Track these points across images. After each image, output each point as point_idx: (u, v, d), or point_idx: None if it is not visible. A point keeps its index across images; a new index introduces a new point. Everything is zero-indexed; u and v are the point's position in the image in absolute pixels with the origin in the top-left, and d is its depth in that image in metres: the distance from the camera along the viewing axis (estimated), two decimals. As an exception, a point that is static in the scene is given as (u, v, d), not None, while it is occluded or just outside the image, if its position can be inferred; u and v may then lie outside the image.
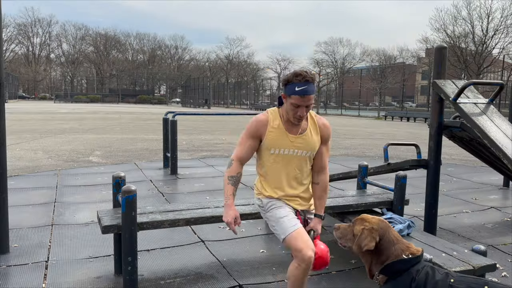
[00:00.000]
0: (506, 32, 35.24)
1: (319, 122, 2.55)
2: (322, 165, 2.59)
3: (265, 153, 2.50)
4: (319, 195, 2.59)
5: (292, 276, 2.37)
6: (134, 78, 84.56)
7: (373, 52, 60.88)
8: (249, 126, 2.48)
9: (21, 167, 8.03)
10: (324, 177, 2.60)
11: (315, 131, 2.53)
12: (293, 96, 2.31)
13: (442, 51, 4.11)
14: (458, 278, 1.71)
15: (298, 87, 2.29)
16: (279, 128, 2.45)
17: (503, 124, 3.73)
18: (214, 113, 8.77)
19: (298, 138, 2.46)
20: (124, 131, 16.62)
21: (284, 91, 2.38)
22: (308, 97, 2.31)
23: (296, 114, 2.36)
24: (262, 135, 2.46)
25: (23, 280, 3.19)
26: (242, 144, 2.49)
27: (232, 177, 2.45)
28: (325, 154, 2.59)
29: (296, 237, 2.35)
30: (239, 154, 2.49)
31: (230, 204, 2.41)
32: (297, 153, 2.48)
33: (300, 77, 2.29)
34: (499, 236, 4.56)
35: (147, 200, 5.67)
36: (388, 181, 7.06)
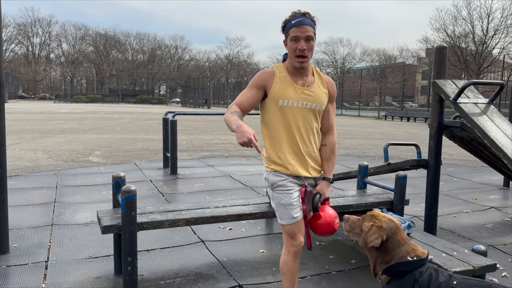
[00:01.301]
0: (506, 32, 35.26)
1: (325, 77, 2.52)
2: (330, 124, 2.52)
3: (272, 107, 2.38)
4: (327, 156, 2.51)
5: (284, 265, 2.42)
6: (134, 78, 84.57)
7: (373, 52, 60.93)
8: (255, 77, 2.41)
9: (21, 167, 8.03)
10: (332, 138, 2.53)
11: (322, 84, 2.48)
12: (291, 31, 2.30)
13: (442, 51, 4.10)
14: (461, 280, 1.71)
15: (294, 20, 2.29)
16: (286, 79, 2.39)
17: (503, 124, 3.73)
18: (214, 113, 8.75)
19: (306, 90, 2.40)
20: (124, 131, 16.62)
21: (284, 35, 2.37)
22: (305, 28, 2.27)
23: (297, 49, 2.30)
24: (268, 87, 2.37)
25: (23, 280, 3.19)
26: (244, 93, 2.38)
27: (235, 112, 2.26)
28: (331, 113, 2.54)
29: (295, 227, 2.38)
30: (240, 100, 2.36)
31: (242, 124, 2.09)
32: (306, 105, 2.38)
33: (294, 13, 2.33)
34: (499, 236, 4.56)
35: (147, 200, 5.67)
36: (388, 181, 7.07)
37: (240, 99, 2.37)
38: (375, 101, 59.01)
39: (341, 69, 61.64)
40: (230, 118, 2.22)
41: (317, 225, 2.40)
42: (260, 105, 2.50)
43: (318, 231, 2.41)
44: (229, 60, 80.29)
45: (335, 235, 4.42)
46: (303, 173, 2.42)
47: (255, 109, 2.66)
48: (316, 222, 2.40)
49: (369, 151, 11.99)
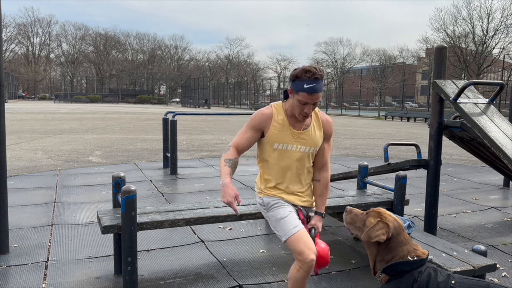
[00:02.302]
0: (506, 32, 35.27)
1: (322, 118, 2.53)
2: (324, 161, 2.56)
3: (267, 148, 2.46)
4: (320, 192, 2.56)
5: (293, 277, 2.35)
6: (134, 78, 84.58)
7: (373, 52, 61.03)
8: (253, 117, 2.43)
9: (21, 167, 8.03)
10: (326, 174, 2.57)
11: (318, 127, 2.50)
12: (301, 93, 2.26)
13: (442, 51, 4.10)
14: (459, 280, 1.71)
15: (307, 85, 2.23)
16: (283, 123, 2.41)
17: (503, 124, 3.73)
18: (214, 113, 8.76)
19: (302, 133, 2.43)
20: (124, 131, 16.62)
21: (291, 86, 2.33)
22: (317, 95, 2.26)
23: (303, 111, 2.32)
24: (265, 129, 2.42)
25: (23, 280, 3.19)
26: (242, 134, 2.44)
27: (229, 160, 2.35)
28: (327, 150, 2.56)
29: (297, 239, 2.32)
30: (238, 142, 2.42)
31: (228, 182, 2.24)
32: (300, 149, 2.44)
33: (310, 74, 2.23)
34: (499, 236, 4.56)
35: (147, 200, 5.67)
36: (388, 181, 7.07)
37: (238, 141, 2.43)
38: (375, 101, 59.03)
39: (341, 69, 61.65)
40: (222, 168, 2.32)
41: None
42: (257, 143, 2.55)
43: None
44: (229, 60, 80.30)
45: (335, 235, 4.42)
46: (295, 201, 2.53)
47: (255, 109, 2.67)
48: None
49: (369, 151, 11.99)
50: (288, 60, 77.72)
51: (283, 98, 2.49)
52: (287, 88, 2.41)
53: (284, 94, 2.45)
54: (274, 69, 73.90)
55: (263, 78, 74.33)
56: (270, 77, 71.95)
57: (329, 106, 57.61)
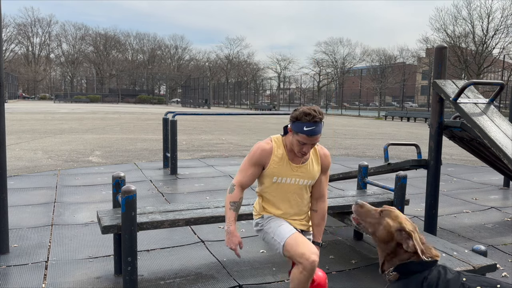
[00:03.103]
0: (506, 32, 35.26)
1: (321, 152, 2.60)
2: (321, 193, 2.63)
3: (267, 180, 2.54)
4: (317, 222, 2.63)
5: (296, 279, 2.37)
6: (134, 78, 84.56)
7: (373, 52, 60.91)
8: (253, 154, 2.50)
9: (21, 167, 8.03)
10: (323, 204, 2.64)
11: (316, 161, 2.57)
12: (301, 135, 2.34)
13: (442, 51, 4.10)
14: (470, 277, 1.71)
15: (307, 127, 2.31)
16: (283, 157, 2.49)
17: (503, 124, 3.73)
18: (214, 113, 8.76)
19: (300, 167, 2.51)
20: (124, 131, 16.62)
21: (291, 126, 2.40)
22: (315, 137, 2.34)
23: (302, 150, 2.39)
24: (266, 164, 2.50)
25: (23, 280, 3.19)
26: (245, 171, 2.52)
27: (234, 203, 2.48)
28: (324, 182, 2.63)
29: (295, 241, 2.37)
30: (241, 180, 2.52)
31: (233, 230, 2.43)
32: (298, 182, 2.52)
33: (309, 117, 2.31)
34: (499, 236, 4.56)
35: (147, 200, 5.67)
36: (388, 181, 7.07)
37: (241, 179, 2.52)
38: (375, 101, 59.03)
39: (341, 69, 61.61)
40: (227, 212, 2.48)
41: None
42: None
43: None
44: (229, 60, 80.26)
45: (335, 235, 4.42)
46: (294, 226, 2.60)
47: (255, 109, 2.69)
48: (311, 286, 2.47)
49: (369, 151, 11.99)
50: (288, 60, 77.75)
51: (283, 133, 2.56)
52: (287, 126, 2.47)
53: (284, 130, 2.52)
54: (274, 69, 73.78)
55: (263, 78, 74.33)
56: (270, 77, 71.91)
57: (329, 106, 57.63)
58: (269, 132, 18.29)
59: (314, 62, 61.37)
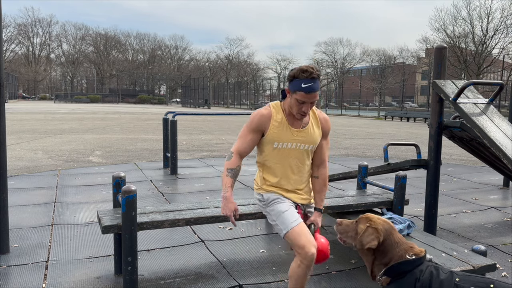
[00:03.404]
0: (506, 32, 35.28)
1: (320, 116, 2.57)
2: (322, 158, 2.60)
3: (267, 147, 2.49)
4: (318, 188, 2.60)
5: (294, 274, 2.37)
6: (134, 78, 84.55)
7: (373, 52, 61.00)
8: (252, 120, 2.46)
9: (21, 167, 8.03)
10: (324, 170, 2.61)
11: (316, 125, 2.54)
12: (299, 93, 2.30)
13: (442, 51, 4.11)
14: (463, 277, 1.70)
15: (304, 84, 2.28)
16: (282, 122, 2.45)
17: (503, 124, 3.73)
18: (214, 113, 8.76)
19: (301, 132, 2.47)
20: (124, 131, 16.62)
21: (288, 86, 2.37)
22: (314, 94, 2.31)
23: (301, 110, 2.36)
24: (265, 129, 2.45)
25: (23, 280, 3.19)
26: (243, 137, 2.48)
27: (232, 170, 2.43)
28: (325, 148, 2.60)
29: (298, 232, 2.35)
30: (240, 147, 2.47)
31: (229, 196, 2.39)
32: (299, 147, 2.48)
33: (307, 74, 2.28)
34: (499, 236, 4.56)
35: (147, 200, 5.67)
36: (388, 181, 7.07)
37: (240, 146, 2.48)
38: (375, 101, 59.03)
39: (341, 69, 61.63)
40: (224, 178, 2.44)
41: None
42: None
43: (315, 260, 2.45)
44: (229, 60, 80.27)
45: (335, 235, 4.42)
46: (294, 199, 2.57)
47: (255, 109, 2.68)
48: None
49: (369, 151, 11.99)
50: (288, 60, 77.76)
51: (281, 97, 2.53)
52: (285, 88, 2.44)
53: (282, 93, 2.49)
54: (274, 69, 73.87)
55: (263, 78, 74.36)
56: (270, 77, 71.98)
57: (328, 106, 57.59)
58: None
59: (314, 62, 61.33)
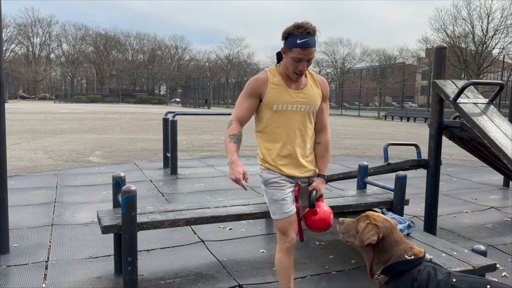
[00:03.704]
0: (506, 32, 35.26)
1: (318, 78, 2.53)
2: (323, 123, 2.55)
3: (267, 112, 2.40)
4: (321, 154, 2.54)
5: (278, 263, 2.43)
6: (134, 78, 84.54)
7: (373, 52, 60.97)
8: (248, 85, 2.40)
9: (21, 167, 8.03)
10: (326, 136, 2.56)
11: (315, 85, 2.48)
12: (294, 50, 2.23)
13: (442, 51, 4.11)
14: (460, 278, 1.70)
15: (300, 39, 2.21)
16: (280, 84, 2.38)
17: (503, 124, 3.73)
18: (214, 113, 8.76)
19: (300, 93, 2.40)
20: (124, 131, 16.62)
21: (284, 45, 2.30)
22: (310, 50, 2.24)
23: (297, 69, 2.29)
24: (262, 93, 2.38)
25: (23, 280, 3.19)
26: (241, 104, 2.40)
27: (234, 135, 2.35)
28: (325, 111, 2.56)
29: (287, 223, 2.40)
30: (239, 114, 2.39)
31: (235, 159, 2.29)
32: (300, 108, 2.40)
33: (302, 29, 2.21)
34: (499, 236, 4.56)
35: (147, 200, 5.67)
36: (388, 181, 7.07)
37: (238, 113, 2.40)
38: (375, 101, 59.05)
39: (341, 69, 61.63)
40: (228, 144, 2.36)
41: (313, 221, 2.43)
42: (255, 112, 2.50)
43: (315, 226, 2.43)
44: (229, 60, 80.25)
45: (335, 235, 4.42)
46: (297, 174, 2.46)
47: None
48: (313, 218, 2.43)
49: (369, 151, 11.99)
50: (288, 60, 77.57)
51: (276, 61, 2.46)
52: (280, 50, 2.38)
53: (277, 56, 2.42)
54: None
55: (263, 78, 74.17)
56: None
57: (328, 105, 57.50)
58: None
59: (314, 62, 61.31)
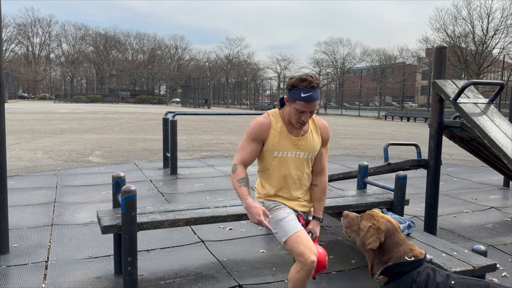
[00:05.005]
0: (506, 32, 35.26)
1: (319, 123, 2.56)
2: (322, 166, 2.59)
3: (267, 156, 2.48)
4: (318, 197, 2.59)
5: (293, 279, 2.36)
6: (134, 78, 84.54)
7: (373, 52, 60.94)
8: (251, 129, 2.44)
9: (21, 167, 8.03)
10: (324, 179, 2.60)
11: (316, 132, 2.53)
12: (298, 102, 2.29)
13: (442, 51, 4.10)
14: (459, 280, 1.70)
15: (304, 93, 2.26)
16: (282, 131, 2.44)
17: (503, 124, 3.73)
18: (214, 113, 8.76)
19: (300, 140, 2.46)
20: (124, 131, 16.62)
21: (288, 95, 2.35)
22: (313, 104, 2.29)
23: (300, 119, 2.35)
24: (265, 139, 2.44)
25: (23, 280, 3.19)
26: (245, 148, 2.46)
27: (242, 179, 2.40)
28: (324, 155, 2.59)
29: (297, 240, 2.33)
30: (243, 158, 2.45)
31: (250, 203, 2.32)
32: (299, 155, 2.47)
33: (306, 83, 2.26)
34: (499, 236, 4.56)
35: (147, 200, 5.67)
36: (388, 181, 7.07)
37: (242, 157, 2.46)
38: (375, 101, 59.03)
39: (341, 69, 61.59)
40: (238, 189, 2.38)
41: None
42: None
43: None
44: (229, 60, 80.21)
45: (335, 235, 4.42)
46: (295, 207, 2.56)
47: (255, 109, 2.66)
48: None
49: (369, 151, 11.99)
50: (288, 60, 77.82)
51: (279, 105, 2.51)
52: (284, 97, 2.43)
53: (280, 102, 2.47)
54: (274, 69, 73.75)
55: (263, 78, 74.30)
56: (270, 77, 71.89)
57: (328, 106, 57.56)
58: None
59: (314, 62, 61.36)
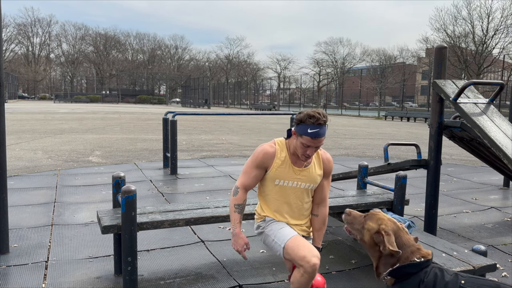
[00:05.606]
0: (506, 32, 35.24)
1: (323, 156, 2.59)
2: (323, 197, 2.62)
3: (269, 183, 2.54)
4: (318, 227, 2.62)
5: (296, 282, 2.36)
6: (134, 78, 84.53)
7: (373, 52, 60.90)
8: (256, 157, 2.49)
9: (21, 167, 8.03)
10: (324, 209, 2.63)
11: (318, 165, 2.56)
12: (305, 137, 2.32)
13: (442, 51, 4.10)
14: (468, 279, 1.67)
15: (311, 129, 2.30)
16: (286, 161, 2.49)
17: (503, 124, 3.73)
18: (214, 113, 8.76)
19: (303, 171, 2.50)
20: (124, 131, 16.62)
21: (295, 129, 2.39)
22: (320, 139, 2.32)
23: (305, 153, 2.38)
24: (268, 167, 2.49)
25: (23, 280, 3.19)
26: (248, 173, 2.52)
27: (239, 205, 2.48)
28: (326, 187, 2.62)
29: (295, 243, 2.36)
30: (245, 183, 2.51)
31: (238, 232, 2.45)
32: (299, 185, 2.51)
33: (314, 120, 2.30)
34: (499, 236, 4.56)
35: (147, 200, 5.67)
36: (388, 181, 7.07)
37: (245, 181, 2.52)
38: (375, 101, 59.02)
39: (341, 69, 61.57)
40: (232, 213, 2.50)
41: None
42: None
43: None
44: (229, 60, 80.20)
45: (335, 235, 4.42)
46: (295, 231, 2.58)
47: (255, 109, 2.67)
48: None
49: (369, 151, 11.99)
50: (288, 60, 77.85)
51: (286, 136, 2.55)
52: (291, 129, 2.47)
53: (288, 133, 2.51)
54: (274, 69, 73.70)
55: (263, 78, 74.32)
56: (270, 77, 71.90)
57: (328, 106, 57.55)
58: (269, 132, 18.29)
59: (314, 62, 61.35)
